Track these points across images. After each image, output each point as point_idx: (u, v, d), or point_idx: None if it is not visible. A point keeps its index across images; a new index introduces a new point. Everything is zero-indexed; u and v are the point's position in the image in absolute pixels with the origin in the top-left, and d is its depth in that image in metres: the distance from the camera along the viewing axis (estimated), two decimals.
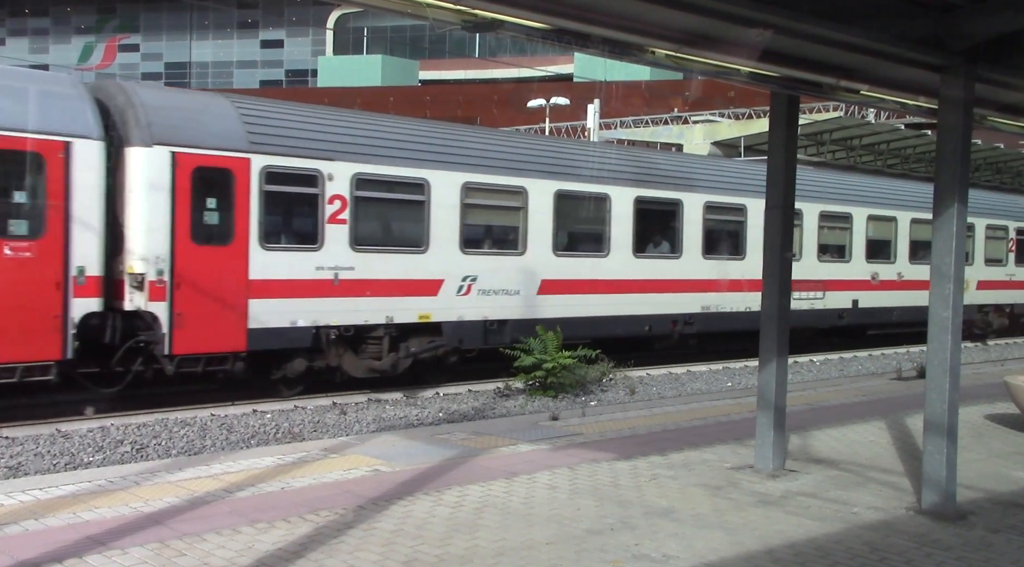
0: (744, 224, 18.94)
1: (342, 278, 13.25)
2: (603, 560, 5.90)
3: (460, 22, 6.04)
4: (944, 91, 7.39)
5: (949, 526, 6.94)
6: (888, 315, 22.31)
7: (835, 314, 20.84)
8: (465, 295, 14.60)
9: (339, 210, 13.29)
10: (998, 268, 25.18)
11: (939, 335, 7.31)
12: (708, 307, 18.18)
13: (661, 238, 17.81)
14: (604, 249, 16.65)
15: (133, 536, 6.10)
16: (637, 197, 17.10)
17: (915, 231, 22.56)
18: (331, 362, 13.52)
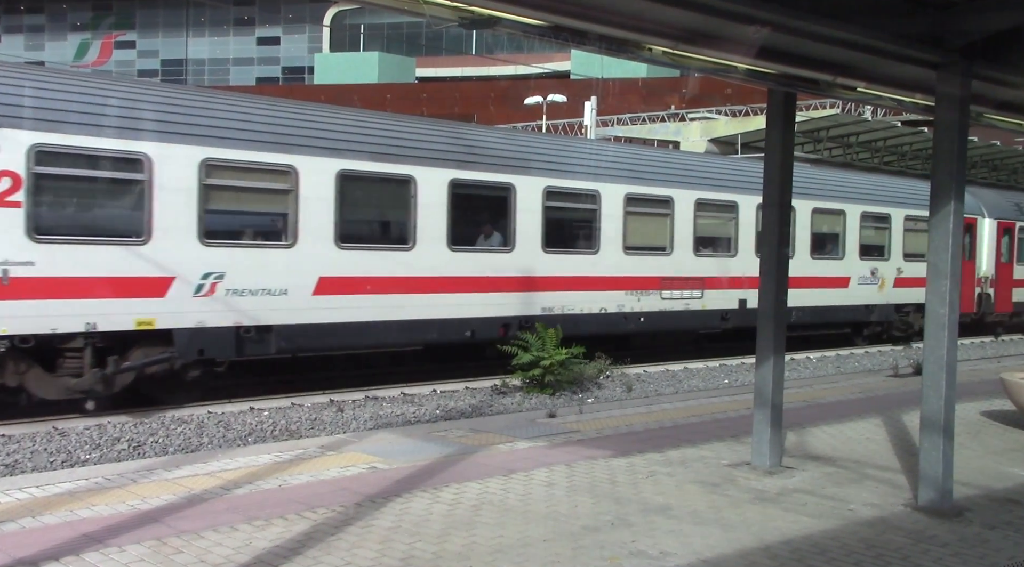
0: (597, 213, 16.56)
1: (14, 275, 10.68)
2: (600, 557, 5.91)
3: (457, 19, 6.04)
4: (941, 88, 7.40)
5: (945, 522, 6.95)
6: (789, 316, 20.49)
7: (716, 315, 18.39)
8: (207, 296, 12.08)
9: (8, 190, 10.70)
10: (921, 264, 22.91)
11: (935, 332, 7.32)
12: (551, 309, 15.73)
13: (491, 229, 15.41)
14: (409, 241, 14.08)
15: (130, 534, 6.10)
16: (454, 181, 14.54)
17: (818, 222, 20.48)
18: (8, 382, 11.05)
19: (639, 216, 17.35)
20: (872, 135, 28.49)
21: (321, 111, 14.06)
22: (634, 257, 17.16)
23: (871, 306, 21.82)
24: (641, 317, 17.15)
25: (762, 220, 8.76)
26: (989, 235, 25.16)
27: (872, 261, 21.72)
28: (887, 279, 22.09)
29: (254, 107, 13.01)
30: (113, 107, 11.57)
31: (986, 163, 30.68)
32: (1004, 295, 25.78)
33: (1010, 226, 25.74)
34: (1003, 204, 25.92)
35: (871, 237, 21.89)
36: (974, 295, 24.64)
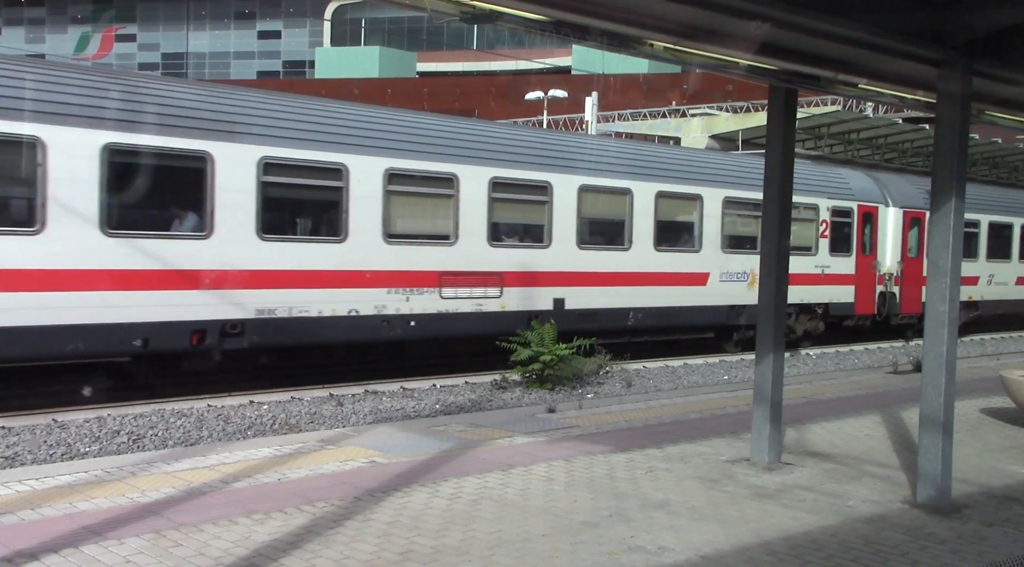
0: (345, 193, 13.53)
1: None
2: (599, 552, 5.91)
3: (458, 13, 6.03)
4: (942, 85, 7.39)
5: (944, 520, 6.96)
6: (621, 319, 17.01)
7: (523, 318, 15.23)
8: None
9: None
10: (804, 258, 19.92)
11: (935, 329, 7.32)
12: (272, 310, 12.86)
13: (183, 212, 12.43)
14: (35, 224, 11.03)
15: (130, 526, 6.10)
16: (108, 146, 11.44)
17: (665, 208, 17.74)
18: None
19: (407, 197, 14.28)
20: (873, 132, 28.48)
21: None
22: (400, 247, 14.08)
23: (739, 307, 18.72)
24: (411, 321, 14.21)
25: (762, 216, 8.74)
26: (894, 226, 22.42)
27: (741, 254, 18.76)
28: (755, 274, 18.37)
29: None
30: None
31: (987, 160, 30.67)
32: (912, 294, 22.58)
33: (919, 216, 22.54)
34: (911, 191, 23.16)
35: (740, 227, 19.10)
36: (874, 294, 22.08)
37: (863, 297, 21.79)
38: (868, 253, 21.88)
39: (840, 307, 21.10)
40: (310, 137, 13.20)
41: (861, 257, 21.51)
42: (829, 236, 20.87)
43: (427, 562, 5.63)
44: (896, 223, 22.53)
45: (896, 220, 22.55)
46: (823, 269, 20.65)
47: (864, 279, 21.74)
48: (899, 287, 22.44)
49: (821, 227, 20.73)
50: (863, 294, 21.75)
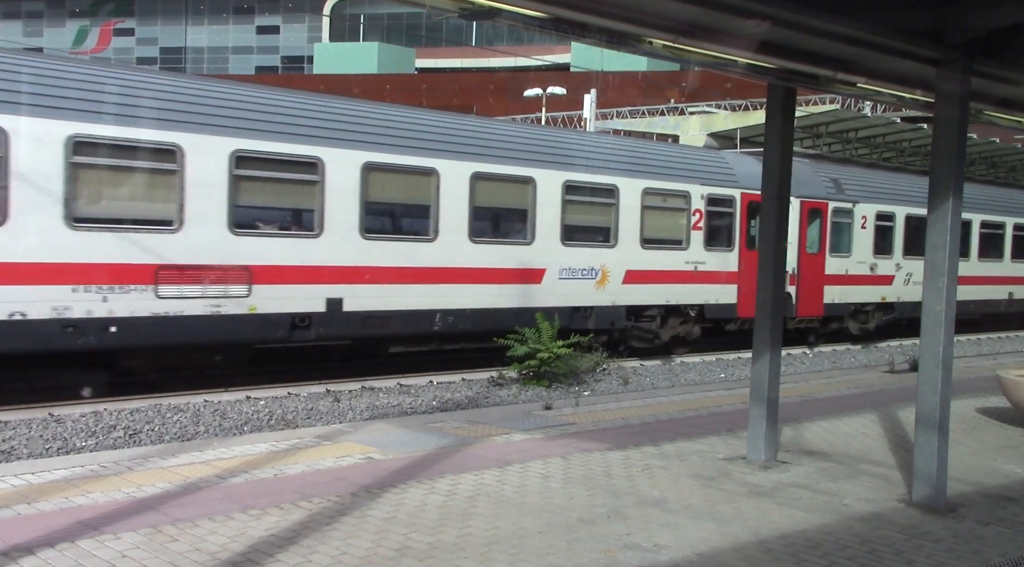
0: (3, 164, 10.73)
1: None
2: (595, 549, 5.92)
3: (457, 9, 6.03)
4: (940, 85, 7.40)
5: (939, 518, 6.97)
6: (424, 323, 14.23)
7: (282, 323, 12.81)
8: None
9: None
10: (670, 252, 17.62)
11: (932, 329, 7.33)
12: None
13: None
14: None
15: (126, 521, 6.10)
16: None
17: (485, 193, 14.97)
18: None
19: (105, 172, 11.51)
20: (871, 131, 28.47)
21: None
22: (93, 234, 11.27)
23: (586, 308, 16.30)
24: (112, 326, 11.39)
25: (761, 214, 8.74)
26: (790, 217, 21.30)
27: (588, 248, 16.33)
28: (612, 272, 16.57)
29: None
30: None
31: (985, 160, 30.67)
32: (811, 294, 20.20)
33: (820, 207, 20.42)
34: (811, 179, 20.64)
35: (585, 216, 16.58)
36: None
37: (749, 297, 18.18)
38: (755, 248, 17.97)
39: (719, 309, 18.40)
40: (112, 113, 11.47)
41: (747, 252, 18.53)
42: (704, 228, 18.07)
43: (423, 558, 5.63)
44: (793, 215, 19.40)
45: (793, 211, 19.39)
46: (696, 266, 17.94)
47: (750, 277, 18.29)
48: (796, 287, 19.74)
49: (693, 217, 17.94)
50: (749, 294, 18.24)
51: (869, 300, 21.88)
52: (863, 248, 21.57)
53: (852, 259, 21.17)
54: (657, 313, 17.57)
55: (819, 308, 20.47)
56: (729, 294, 18.64)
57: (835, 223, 20.84)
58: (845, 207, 21.08)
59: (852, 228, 21.22)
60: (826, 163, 23.33)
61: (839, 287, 20.92)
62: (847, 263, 21.11)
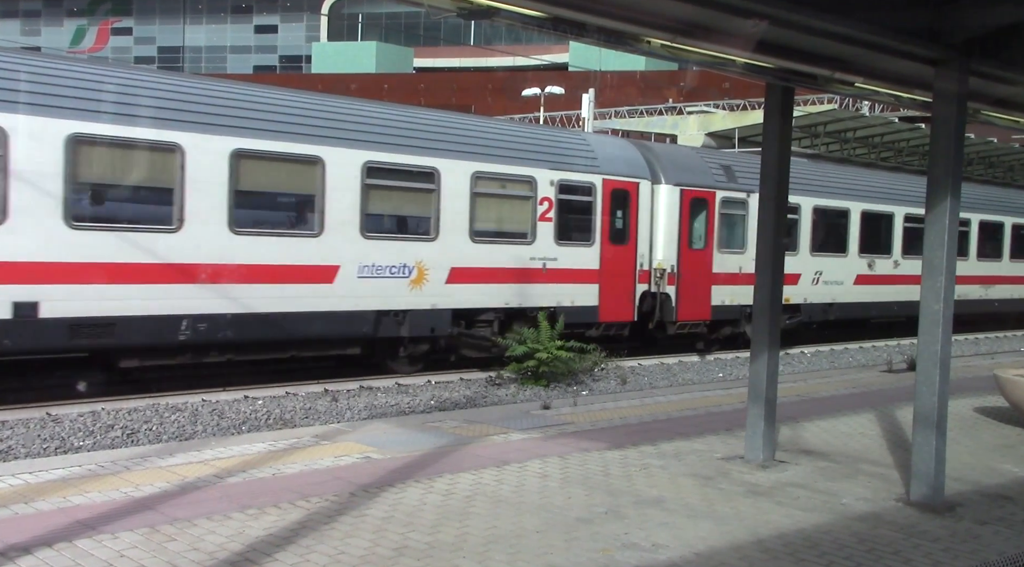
0: None
1: None
2: (593, 549, 5.92)
3: (455, 9, 6.03)
4: (938, 84, 7.40)
5: (937, 518, 6.98)
6: (166, 331, 11.92)
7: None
8: None
9: None
10: (511, 247, 15.36)
11: (930, 328, 7.33)
12: None
13: None
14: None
15: (123, 521, 6.10)
16: None
17: (251, 175, 12.66)
18: None
19: None
20: (869, 131, 28.50)
21: None
22: None
23: (398, 312, 13.98)
24: None
25: (759, 214, 8.74)
26: (668, 208, 17.60)
27: (396, 241, 14.11)
28: (432, 270, 14.27)
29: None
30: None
31: (983, 160, 30.70)
32: (695, 295, 17.98)
33: (705, 196, 18.16)
34: (695, 164, 18.53)
35: (393, 204, 14.42)
36: (633, 296, 17.11)
37: (614, 299, 16.65)
38: (624, 242, 16.92)
39: (576, 312, 16.04)
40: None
41: (611, 247, 16.63)
42: (555, 219, 15.79)
43: (421, 558, 5.63)
44: (671, 205, 17.60)
45: (671, 201, 17.62)
46: (545, 263, 15.60)
47: (616, 276, 16.72)
48: (676, 287, 17.63)
49: (541, 207, 15.59)
50: (614, 296, 16.63)
51: None
52: None
53: (747, 256, 18.17)
54: (495, 317, 15.18)
55: (705, 311, 18.02)
56: (589, 295, 16.32)
57: (725, 215, 18.54)
58: (738, 197, 18.58)
59: (747, 221, 18.48)
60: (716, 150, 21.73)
61: (730, 287, 18.45)
62: (741, 260, 18.49)
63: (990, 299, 25.80)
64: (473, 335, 15.09)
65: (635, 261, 17.13)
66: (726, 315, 18.70)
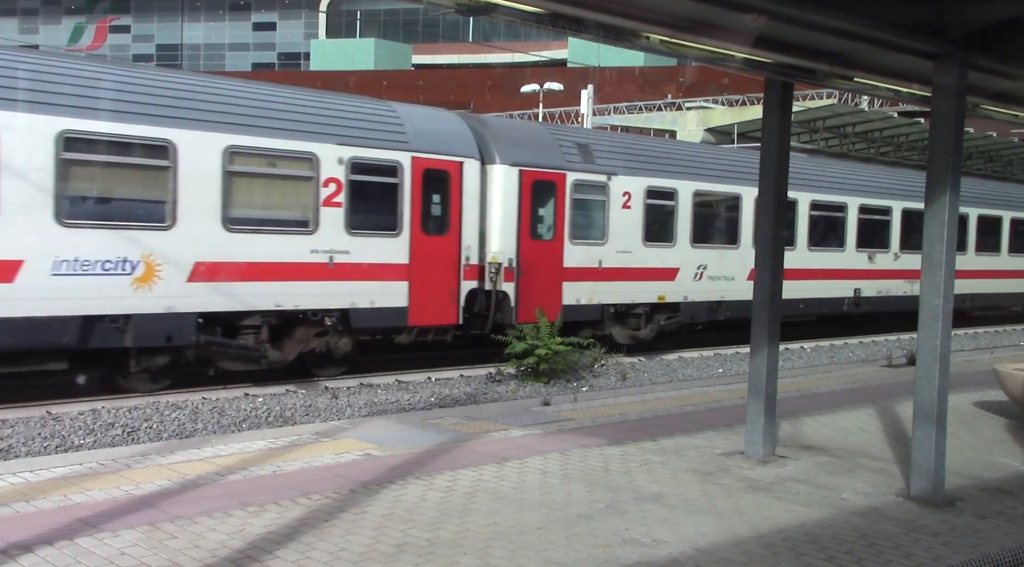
0: None
1: None
2: (593, 544, 5.92)
3: (454, 5, 6.02)
4: (938, 79, 7.40)
5: (937, 512, 6.98)
6: None
7: None
8: None
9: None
10: (285, 238, 13.00)
11: (929, 323, 7.34)
12: None
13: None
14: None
15: (124, 519, 6.10)
16: None
17: None
18: None
19: None
20: (868, 126, 28.51)
21: None
22: None
23: (112, 318, 11.50)
24: None
25: (757, 209, 8.73)
26: (504, 192, 15.26)
27: (113, 230, 11.46)
28: (167, 266, 11.76)
29: None
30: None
31: (982, 154, 30.69)
32: (540, 293, 15.58)
33: (553, 178, 15.90)
34: (540, 141, 16.17)
35: (111, 186, 11.81)
36: (457, 295, 14.69)
37: (430, 299, 14.31)
38: (444, 232, 14.58)
39: (375, 315, 13.79)
40: None
41: (425, 239, 14.27)
42: (346, 204, 13.31)
43: (422, 555, 5.64)
44: (509, 189, 15.28)
45: (509, 184, 15.28)
46: (332, 257, 13.17)
47: (432, 272, 14.35)
48: (515, 283, 15.39)
49: (326, 190, 13.06)
50: (429, 295, 14.30)
51: (641, 300, 17.18)
52: (627, 234, 16.83)
53: (609, 247, 16.47)
54: (263, 322, 12.85)
55: (555, 311, 15.47)
56: (394, 295, 13.95)
57: (579, 201, 16.31)
58: (596, 180, 16.48)
59: (608, 207, 16.56)
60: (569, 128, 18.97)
61: (588, 284, 16.31)
62: (601, 252, 16.43)
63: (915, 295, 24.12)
64: (230, 345, 12.63)
65: (459, 254, 14.69)
66: (583, 315, 16.34)
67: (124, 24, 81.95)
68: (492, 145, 15.41)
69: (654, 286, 17.32)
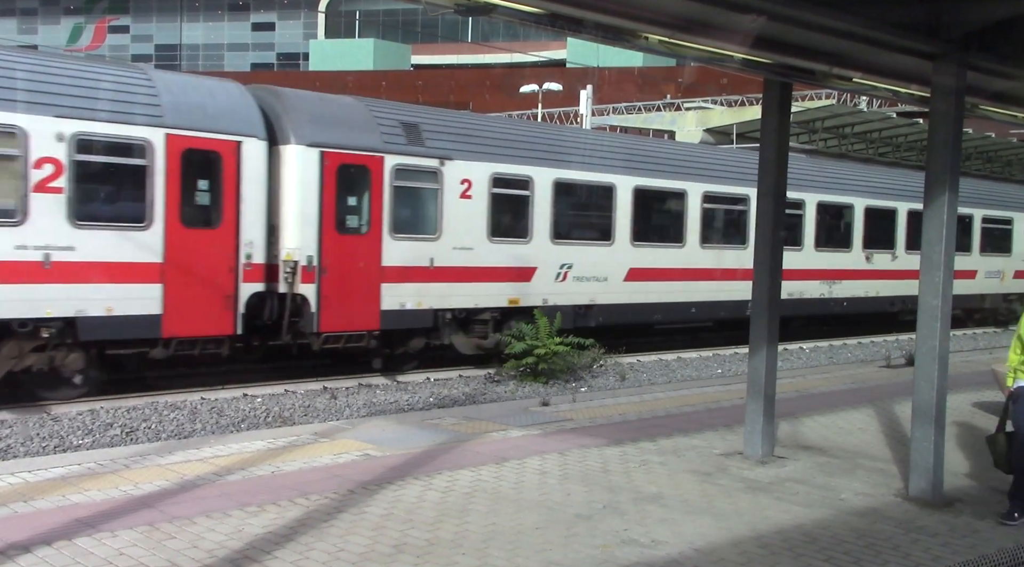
0: None
1: None
2: (592, 545, 5.92)
3: (453, 5, 6.02)
4: (936, 79, 7.40)
5: (936, 512, 6.99)
6: None
7: None
8: None
9: None
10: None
11: (928, 323, 7.34)
12: None
13: None
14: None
15: (123, 519, 6.10)
16: None
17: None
18: None
19: None
20: (867, 126, 28.55)
21: None
22: None
23: None
24: None
25: (757, 210, 8.73)
26: (300, 178, 12.89)
27: None
28: None
29: None
30: None
31: (980, 154, 30.72)
32: (351, 296, 13.29)
33: (366, 162, 13.43)
34: (352, 118, 13.63)
35: None
36: (234, 299, 12.34)
37: (193, 305, 12.03)
38: (214, 225, 12.28)
39: (113, 325, 11.52)
40: None
41: (185, 232, 11.98)
42: (69, 190, 11.13)
43: (421, 555, 5.64)
44: (308, 174, 12.91)
45: (307, 169, 12.91)
46: (48, 254, 11.07)
47: (197, 273, 12.13)
48: (316, 285, 12.94)
49: (39, 172, 10.92)
50: (192, 300, 12.02)
51: (487, 304, 14.83)
52: (467, 228, 14.49)
53: (444, 243, 14.21)
54: None
55: (370, 318, 13.40)
56: (142, 300, 11.65)
57: (403, 189, 13.86)
58: (425, 165, 14.09)
59: (442, 197, 14.20)
60: (396, 103, 16.14)
61: (415, 286, 13.92)
62: (433, 249, 14.11)
63: (836, 298, 20.98)
64: None
65: (236, 251, 12.29)
66: (410, 322, 13.98)
67: (123, 24, 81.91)
68: (286, 122, 12.99)
69: (504, 288, 15.03)
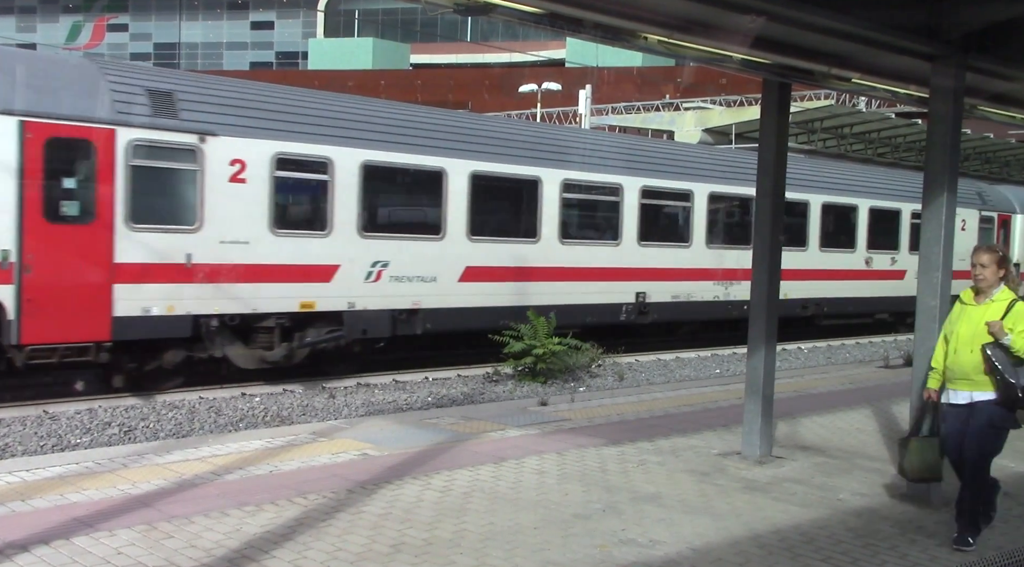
0: None
1: None
2: (590, 545, 5.92)
3: (452, 5, 6.02)
4: (935, 80, 7.41)
5: (934, 513, 6.99)
6: None
7: None
8: None
9: None
10: None
11: (926, 323, 7.34)
12: None
13: None
14: None
15: (121, 518, 6.09)
16: None
17: None
18: None
19: None
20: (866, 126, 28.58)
21: None
22: None
23: None
24: None
25: (756, 210, 8.73)
26: None
27: None
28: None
29: None
30: None
31: (979, 155, 30.76)
32: (67, 301, 11.02)
33: (87, 136, 11.16)
34: (69, 80, 11.29)
35: None
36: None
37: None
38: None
39: None
40: None
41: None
42: None
43: (419, 554, 5.64)
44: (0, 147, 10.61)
45: None
46: None
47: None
48: (17, 287, 10.66)
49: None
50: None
51: (269, 309, 12.65)
52: (240, 217, 12.23)
53: (206, 235, 11.97)
54: None
55: (98, 326, 11.22)
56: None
57: (146, 169, 11.57)
58: (178, 141, 11.79)
59: (202, 180, 11.94)
60: (143, 65, 12.81)
61: (164, 286, 11.68)
62: (191, 243, 11.86)
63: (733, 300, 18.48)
64: None
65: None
66: (158, 331, 11.73)
67: (122, 23, 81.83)
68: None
69: (294, 289, 12.75)
